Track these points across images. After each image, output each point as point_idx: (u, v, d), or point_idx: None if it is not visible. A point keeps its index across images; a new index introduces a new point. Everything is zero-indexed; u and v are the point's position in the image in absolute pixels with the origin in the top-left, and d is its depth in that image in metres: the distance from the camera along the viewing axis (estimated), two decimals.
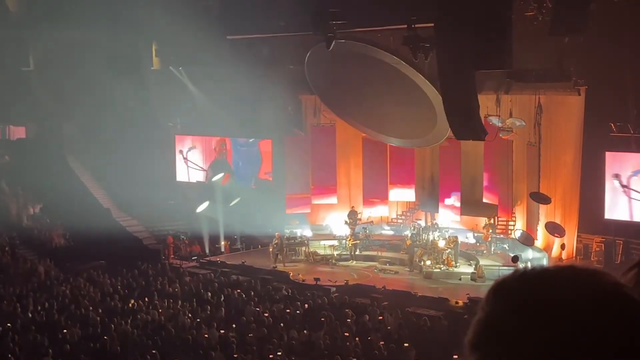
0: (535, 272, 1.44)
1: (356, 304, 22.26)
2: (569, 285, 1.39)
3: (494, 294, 1.44)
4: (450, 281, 25.88)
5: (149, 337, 18.95)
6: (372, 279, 26.52)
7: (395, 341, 18.31)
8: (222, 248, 31.67)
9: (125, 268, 26.43)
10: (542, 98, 25.84)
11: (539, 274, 1.43)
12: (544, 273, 1.44)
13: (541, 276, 1.43)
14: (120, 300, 22.58)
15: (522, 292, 1.41)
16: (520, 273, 1.45)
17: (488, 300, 1.44)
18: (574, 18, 19.25)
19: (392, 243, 30.23)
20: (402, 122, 28.82)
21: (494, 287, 1.46)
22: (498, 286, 1.45)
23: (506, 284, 1.44)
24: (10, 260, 27.51)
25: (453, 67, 18.91)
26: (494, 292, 1.45)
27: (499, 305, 1.42)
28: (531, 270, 1.45)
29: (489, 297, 1.45)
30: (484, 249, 28.42)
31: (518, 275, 1.45)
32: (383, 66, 27.09)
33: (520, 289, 1.42)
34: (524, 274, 1.45)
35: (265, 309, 21.66)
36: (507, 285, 1.44)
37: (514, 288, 1.43)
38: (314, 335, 18.86)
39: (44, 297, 22.93)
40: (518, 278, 1.44)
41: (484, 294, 1.48)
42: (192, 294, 23.65)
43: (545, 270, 1.44)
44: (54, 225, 31.37)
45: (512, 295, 1.42)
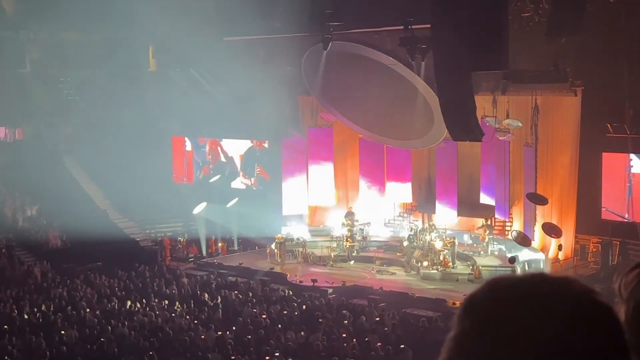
0: (503, 285, 1.40)
1: (353, 305, 22.25)
2: (537, 298, 1.36)
3: (463, 311, 1.41)
4: (448, 282, 25.89)
5: (146, 339, 18.92)
6: (369, 280, 26.53)
7: (393, 342, 18.30)
8: (219, 249, 31.65)
9: (122, 270, 26.38)
10: (539, 99, 25.85)
11: (506, 287, 1.39)
12: (512, 286, 1.39)
13: (509, 290, 1.39)
14: (117, 302, 22.54)
15: (489, 309, 1.37)
16: (488, 287, 1.41)
17: (459, 316, 1.42)
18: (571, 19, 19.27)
19: (389, 244, 30.22)
20: (399, 123, 28.83)
21: (463, 304, 1.43)
22: (467, 302, 1.42)
23: (474, 300, 1.41)
24: (6, 262, 27.46)
25: (450, 68, 18.91)
26: (463, 309, 1.42)
27: (467, 322, 1.39)
28: (500, 283, 1.41)
29: (460, 313, 1.42)
30: (481, 249, 28.42)
31: (486, 290, 1.41)
32: (380, 67, 27.10)
33: (487, 305, 1.38)
34: (492, 288, 1.41)
35: (262, 310, 21.65)
36: (476, 302, 1.40)
37: (482, 304, 1.39)
38: (311, 337, 18.85)
39: (40, 299, 22.88)
40: (486, 293, 1.40)
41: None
42: (189, 296, 23.63)
43: (514, 283, 1.40)
44: (51, 227, 31.32)
45: (479, 312, 1.39)
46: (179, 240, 32.26)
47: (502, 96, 26.52)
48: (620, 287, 1.58)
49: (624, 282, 1.58)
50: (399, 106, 28.11)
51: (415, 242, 28.44)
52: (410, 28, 23.62)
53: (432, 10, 18.85)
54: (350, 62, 27.76)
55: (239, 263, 28.78)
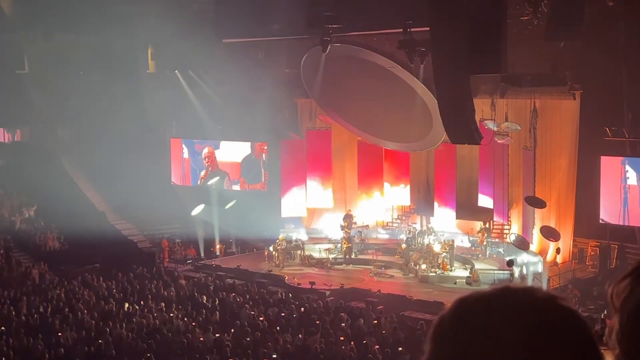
0: (469, 302, 1.41)
1: (351, 307, 22.23)
2: (502, 310, 1.37)
3: (434, 331, 1.43)
4: (446, 285, 25.90)
5: (144, 341, 18.89)
6: (367, 283, 26.52)
7: (390, 345, 18.29)
8: (217, 251, 31.64)
9: (120, 271, 26.36)
10: (538, 102, 25.88)
11: (472, 304, 1.41)
12: (477, 302, 1.41)
13: (474, 305, 1.40)
14: (115, 304, 22.52)
15: (456, 328, 1.39)
16: (455, 306, 1.43)
17: (430, 337, 1.43)
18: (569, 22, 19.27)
19: (387, 247, 30.22)
20: (397, 126, 28.85)
21: (434, 324, 1.44)
22: (437, 322, 1.43)
23: (443, 320, 1.42)
24: (4, 263, 27.43)
25: (448, 71, 18.91)
26: (434, 329, 1.43)
27: (437, 342, 1.41)
28: (466, 300, 1.42)
29: (430, 334, 1.43)
30: (479, 252, 28.44)
31: (453, 309, 1.42)
32: (379, 70, 27.11)
33: (455, 323, 1.40)
34: (459, 306, 1.42)
35: (260, 312, 21.63)
36: (444, 321, 1.42)
37: (449, 323, 1.41)
38: (309, 339, 18.84)
39: (38, 301, 22.85)
40: (453, 312, 1.42)
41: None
42: (187, 298, 23.61)
43: (478, 299, 1.41)
44: (49, 228, 31.30)
45: (448, 331, 1.40)
46: (177, 242, 32.23)
47: (500, 99, 26.56)
48: (613, 297, 1.58)
49: (615, 292, 1.58)
50: (397, 109, 28.12)
51: (414, 245, 28.45)
52: (409, 31, 23.64)
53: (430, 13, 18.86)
54: (349, 65, 27.77)
55: (237, 265, 28.76)
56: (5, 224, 31.43)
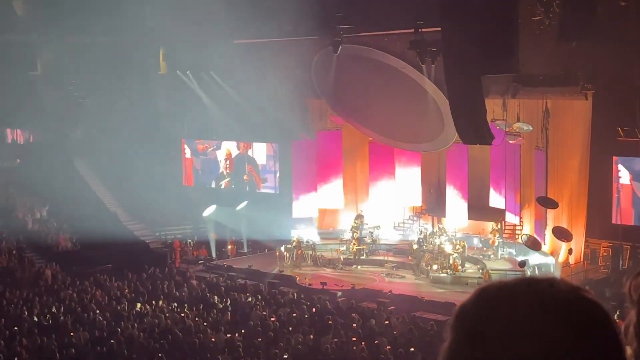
0: (491, 291, 1.42)
1: (363, 308, 22.23)
2: (525, 300, 1.38)
3: (455, 320, 1.43)
4: (457, 286, 25.83)
5: (155, 341, 18.96)
6: (378, 284, 26.50)
7: (402, 346, 18.28)
8: (228, 252, 31.70)
9: (132, 272, 26.44)
10: (549, 102, 25.79)
11: (494, 294, 1.41)
12: (499, 292, 1.41)
13: (496, 296, 1.41)
14: (127, 304, 22.59)
15: (477, 317, 1.39)
16: (477, 295, 1.43)
17: (451, 326, 1.43)
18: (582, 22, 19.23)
19: (399, 247, 30.19)
20: (409, 127, 28.81)
21: (455, 313, 1.44)
22: (458, 311, 1.44)
23: (464, 309, 1.42)
24: (17, 263, 27.56)
25: (460, 72, 18.90)
26: (455, 318, 1.43)
27: (459, 331, 1.41)
28: (488, 290, 1.43)
29: (451, 323, 1.44)
30: (491, 253, 28.37)
31: (475, 298, 1.43)
32: (390, 70, 27.10)
33: (475, 313, 1.40)
34: (481, 295, 1.42)
35: (271, 313, 21.66)
36: (465, 310, 1.42)
37: (470, 313, 1.41)
38: (321, 340, 18.84)
39: (50, 301, 22.96)
40: (474, 301, 1.42)
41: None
42: (198, 298, 23.67)
43: (501, 289, 1.42)
44: (61, 229, 31.43)
45: (469, 320, 1.40)
46: (188, 243, 32.32)
47: (512, 100, 26.47)
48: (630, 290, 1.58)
49: (633, 285, 1.58)
50: (408, 109, 28.09)
51: (425, 246, 28.41)
52: (420, 31, 23.62)
53: (442, 14, 18.85)
54: (360, 65, 27.76)
55: (249, 265, 28.80)
56: (17, 224, 31.59)
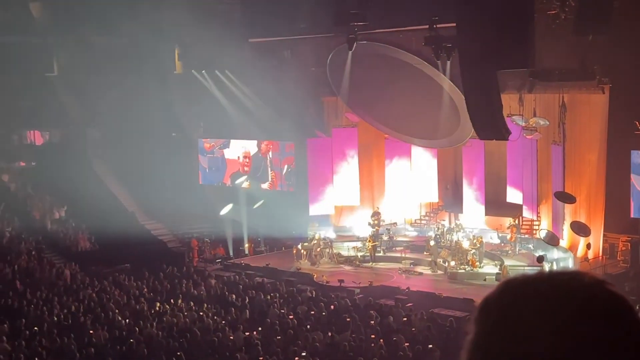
0: (516, 284, 1.42)
1: (380, 305, 22.22)
2: (550, 292, 1.37)
3: (479, 313, 1.43)
4: (475, 282, 25.77)
5: (174, 340, 19.04)
6: (396, 280, 26.48)
7: (420, 342, 18.26)
8: (245, 250, 31.77)
9: (150, 271, 26.56)
10: (566, 97, 25.68)
11: (519, 287, 1.41)
12: (525, 285, 1.41)
13: (521, 289, 1.40)
14: (145, 303, 22.69)
15: (502, 309, 1.39)
16: (502, 287, 1.43)
17: (475, 319, 1.43)
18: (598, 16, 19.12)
19: (416, 244, 30.14)
20: (424, 123, 28.76)
21: (479, 306, 1.44)
22: (482, 304, 1.43)
23: (489, 301, 1.42)
24: (36, 264, 27.74)
25: (475, 67, 18.83)
26: (479, 311, 1.43)
27: (483, 324, 1.41)
28: (513, 282, 1.43)
29: (475, 316, 1.43)
30: (508, 249, 28.27)
31: (500, 290, 1.42)
32: (405, 67, 27.07)
33: (500, 305, 1.40)
34: (506, 287, 1.42)
35: (289, 310, 21.69)
36: (490, 303, 1.42)
37: (495, 305, 1.41)
38: (339, 337, 18.85)
39: (70, 301, 23.11)
40: (499, 294, 1.42)
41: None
42: (216, 297, 23.74)
43: (526, 282, 1.41)
44: (79, 229, 31.61)
45: (494, 312, 1.40)
46: (206, 242, 32.42)
47: (528, 94, 26.38)
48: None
49: None
50: (424, 106, 28.04)
51: (442, 242, 28.35)
52: (435, 27, 23.57)
53: (457, 9, 18.79)
54: (375, 62, 27.74)
55: (266, 264, 28.85)
56: (36, 225, 31.80)
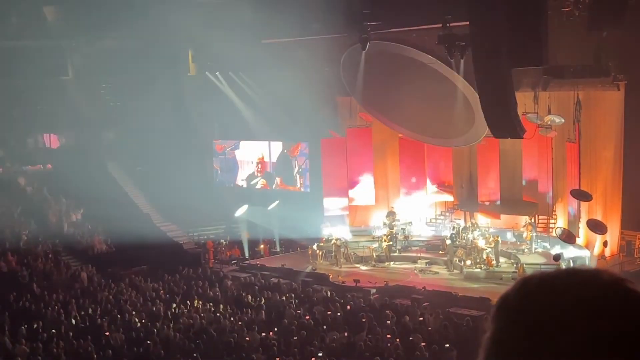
0: (534, 282, 1.41)
1: (396, 305, 22.19)
2: (568, 290, 1.37)
3: (497, 310, 1.43)
4: (491, 281, 25.69)
5: (191, 341, 19.09)
6: (412, 280, 26.43)
7: (437, 342, 18.22)
8: (261, 251, 31.81)
9: (167, 273, 26.65)
10: (581, 94, 25.54)
11: (537, 284, 1.41)
12: (542, 282, 1.41)
13: (539, 286, 1.40)
14: (162, 305, 22.77)
15: (520, 307, 1.39)
16: (519, 285, 1.43)
17: (493, 317, 1.43)
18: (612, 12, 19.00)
19: (431, 243, 30.07)
20: (439, 122, 28.68)
21: (497, 303, 1.44)
22: (500, 302, 1.44)
23: (506, 299, 1.42)
24: (53, 267, 27.89)
25: (489, 65, 18.78)
26: (497, 309, 1.43)
27: (501, 321, 1.41)
28: (530, 280, 1.42)
29: (493, 313, 1.43)
30: (525, 247, 28.15)
31: (518, 288, 1.42)
32: (419, 66, 27.01)
33: (518, 303, 1.40)
34: (524, 285, 1.42)
35: (305, 311, 21.69)
36: (508, 300, 1.42)
37: (513, 303, 1.41)
38: (355, 337, 18.84)
39: (87, 303, 23.22)
40: (517, 291, 1.42)
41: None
42: (233, 298, 23.79)
43: (544, 279, 1.41)
44: (96, 232, 31.74)
45: (512, 310, 1.40)
46: (221, 243, 32.48)
47: (543, 92, 26.24)
48: None
49: None
50: (438, 104, 27.97)
51: (458, 241, 28.27)
52: (448, 25, 23.50)
53: (470, 7, 18.73)
54: (389, 62, 27.70)
55: (282, 264, 28.88)
56: (53, 228, 31.96)
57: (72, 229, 32.38)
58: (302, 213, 31.21)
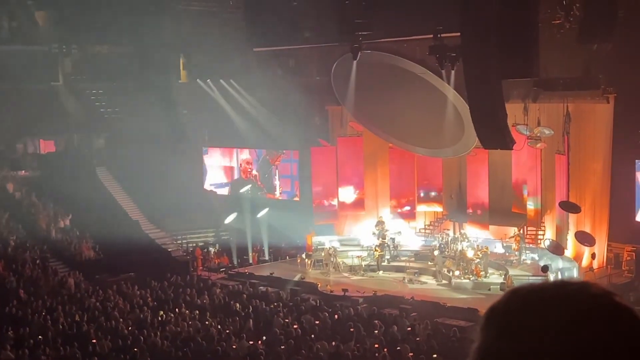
0: (523, 294, 1.42)
1: (385, 314, 22.17)
2: (556, 302, 1.37)
3: (486, 321, 1.43)
4: (480, 291, 25.71)
5: (178, 349, 19.01)
6: (400, 290, 26.42)
7: (425, 352, 18.21)
8: (250, 259, 31.75)
9: (155, 280, 26.56)
10: (571, 106, 25.66)
11: (526, 295, 1.41)
12: (531, 293, 1.41)
13: (528, 297, 1.41)
14: (149, 312, 22.68)
15: (509, 317, 1.39)
16: (508, 296, 1.43)
17: (481, 327, 1.43)
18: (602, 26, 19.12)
19: (420, 253, 30.08)
20: (429, 132, 28.76)
21: (485, 314, 1.44)
22: (489, 312, 1.43)
23: (495, 310, 1.42)
24: (40, 272, 27.75)
25: (480, 76, 18.84)
26: (485, 319, 1.43)
27: (489, 332, 1.41)
28: (519, 291, 1.43)
29: (481, 324, 1.43)
30: (513, 258, 28.20)
31: (506, 299, 1.43)
32: (410, 76, 27.08)
33: (507, 313, 1.40)
34: (512, 297, 1.42)
35: (293, 320, 21.65)
36: (496, 311, 1.42)
37: (502, 313, 1.41)
38: (343, 347, 18.81)
39: (74, 310, 23.09)
40: (505, 302, 1.42)
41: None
42: (221, 306, 23.71)
43: (532, 290, 1.41)
44: (84, 238, 31.62)
45: (499, 321, 1.40)
46: (210, 251, 32.41)
47: (533, 104, 26.37)
48: None
49: None
50: (429, 115, 28.04)
51: (447, 252, 28.29)
52: (439, 36, 23.58)
53: (461, 19, 18.81)
54: (380, 72, 27.76)
55: (270, 273, 28.83)
56: (41, 233, 31.82)
57: (61, 234, 32.24)
58: (291, 221, 31.19)
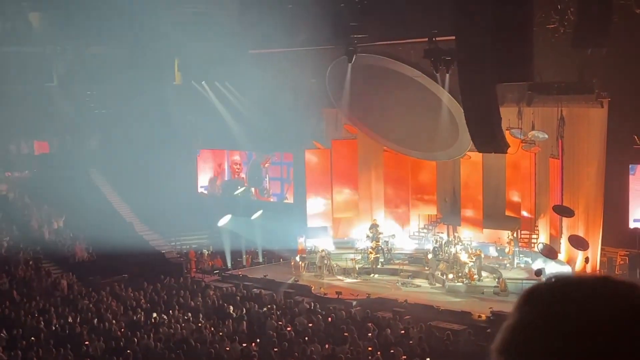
0: (569, 281, 1.43)
1: (378, 317, 22.18)
2: (601, 297, 1.38)
3: (525, 301, 1.44)
4: (473, 295, 25.72)
5: (171, 351, 18.98)
6: (394, 293, 26.42)
7: (418, 355, 18.22)
8: (243, 262, 31.71)
9: (148, 282, 26.52)
10: (565, 110, 25.69)
11: (572, 284, 1.42)
12: (578, 283, 1.42)
13: (575, 286, 1.42)
14: (143, 314, 22.64)
15: (553, 301, 1.40)
16: (553, 281, 1.44)
17: (518, 306, 1.44)
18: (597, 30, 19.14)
19: (414, 256, 30.07)
20: (423, 135, 28.78)
21: (525, 293, 1.45)
22: (529, 293, 1.45)
23: (537, 291, 1.44)
24: (33, 274, 27.69)
25: (474, 80, 18.85)
26: (525, 299, 1.44)
27: (528, 312, 1.42)
28: (565, 279, 1.44)
29: (519, 303, 1.44)
30: (507, 262, 28.23)
31: (551, 284, 1.44)
32: (404, 79, 27.10)
33: (551, 297, 1.41)
34: (557, 282, 1.44)
35: (287, 322, 21.64)
36: (538, 293, 1.43)
37: (545, 296, 1.42)
38: (336, 350, 18.80)
39: (67, 311, 23.05)
40: (550, 286, 1.43)
41: (511, 306, 1.46)
42: (214, 308, 23.69)
43: (580, 281, 1.43)
44: (77, 239, 31.56)
45: (542, 302, 1.41)
46: (204, 253, 32.37)
47: (527, 108, 26.41)
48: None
49: None
50: (423, 118, 28.06)
51: (440, 255, 28.30)
52: (434, 40, 23.61)
53: (456, 22, 18.83)
54: (375, 75, 27.77)
55: (264, 275, 28.81)
56: (34, 234, 31.75)
57: (54, 236, 32.18)
58: (285, 224, 31.16)
